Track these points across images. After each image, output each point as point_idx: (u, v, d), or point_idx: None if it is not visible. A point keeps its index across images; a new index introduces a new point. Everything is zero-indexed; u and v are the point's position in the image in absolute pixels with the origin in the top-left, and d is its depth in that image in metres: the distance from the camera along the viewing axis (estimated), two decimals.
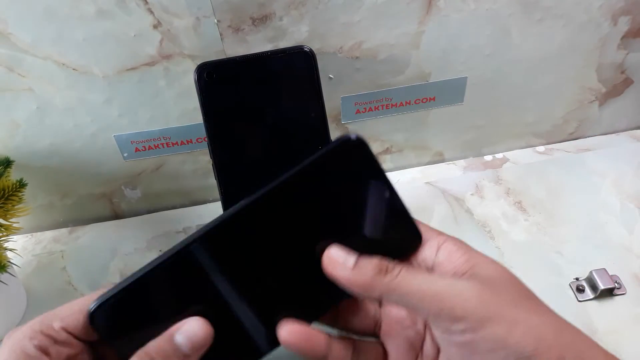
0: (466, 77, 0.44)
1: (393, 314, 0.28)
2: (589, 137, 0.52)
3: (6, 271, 0.36)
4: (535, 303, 0.23)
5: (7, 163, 0.41)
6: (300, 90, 0.34)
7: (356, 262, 0.25)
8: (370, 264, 0.25)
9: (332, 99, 0.43)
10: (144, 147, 0.44)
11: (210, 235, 0.26)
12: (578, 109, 0.49)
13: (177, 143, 0.45)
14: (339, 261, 0.25)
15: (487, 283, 0.23)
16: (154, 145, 0.44)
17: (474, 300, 0.22)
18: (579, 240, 0.41)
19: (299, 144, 0.35)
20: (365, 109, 0.45)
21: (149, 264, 0.26)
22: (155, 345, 0.25)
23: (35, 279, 0.44)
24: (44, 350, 0.24)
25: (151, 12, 0.36)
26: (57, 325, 0.25)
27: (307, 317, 0.27)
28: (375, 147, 0.49)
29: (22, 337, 0.24)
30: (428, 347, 0.27)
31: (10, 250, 0.37)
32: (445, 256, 0.25)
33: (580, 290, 0.37)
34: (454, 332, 0.23)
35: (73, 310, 0.26)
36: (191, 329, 0.25)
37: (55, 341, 0.25)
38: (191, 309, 0.26)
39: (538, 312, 0.23)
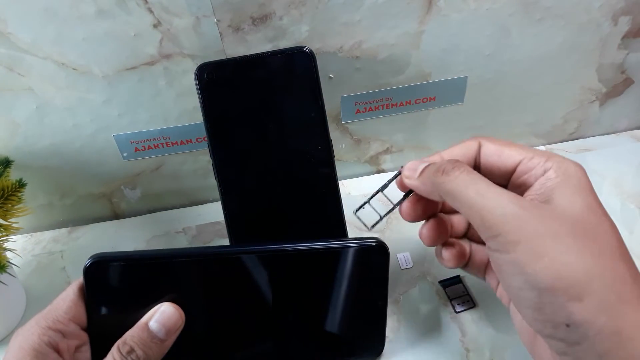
0: (466, 77, 0.44)
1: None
2: (589, 137, 0.52)
3: (6, 271, 0.36)
4: (592, 247, 0.22)
5: (6, 163, 0.41)
6: (300, 90, 0.34)
7: (422, 171, 0.28)
8: (430, 168, 0.27)
9: (332, 99, 0.43)
10: (144, 147, 0.44)
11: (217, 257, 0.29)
12: (578, 109, 0.49)
13: (177, 143, 0.44)
14: (407, 174, 0.28)
15: (545, 210, 0.23)
16: (154, 145, 0.44)
17: (511, 223, 0.23)
18: None
19: (299, 143, 0.35)
20: (365, 108, 0.45)
21: (161, 250, 0.29)
22: (132, 334, 0.26)
23: (35, 280, 0.44)
24: (54, 347, 0.25)
25: (151, 12, 0.36)
26: (63, 317, 0.26)
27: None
28: (375, 147, 0.49)
29: (30, 334, 0.25)
30: None
31: (10, 250, 0.37)
32: (543, 177, 0.25)
33: None
34: (489, 247, 0.24)
35: (71, 301, 0.27)
36: (164, 315, 0.26)
37: (64, 334, 0.25)
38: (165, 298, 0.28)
39: (583, 252, 0.22)
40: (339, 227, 0.36)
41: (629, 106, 0.50)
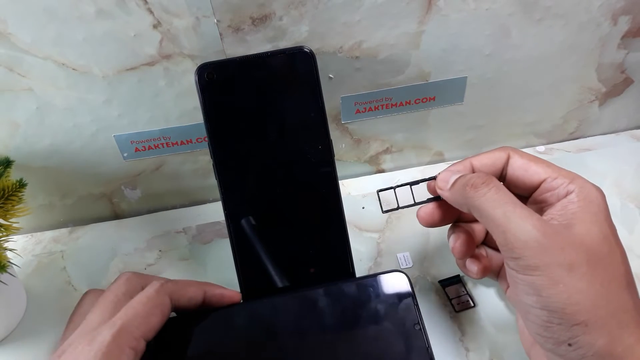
0: (466, 77, 0.44)
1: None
2: (589, 136, 0.52)
3: (6, 271, 0.36)
4: (603, 276, 0.24)
5: (7, 163, 0.41)
6: (300, 90, 0.34)
7: (453, 184, 0.29)
8: (461, 181, 0.28)
9: (332, 99, 0.43)
10: (144, 147, 0.44)
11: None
12: (578, 108, 0.49)
13: (177, 143, 0.44)
14: (440, 185, 0.30)
15: (565, 238, 0.24)
16: (154, 145, 0.44)
17: (533, 249, 0.24)
18: None
19: (299, 143, 0.35)
20: (365, 108, 0.45)
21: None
22: None
23: (35, 279, 0.44)
24: None
25: (151, 12, 0.36)
26: (137, 334, 0.25)
27: None
28: (375, 147, 0.49)
29: (110, 353, 0.24)
30: None
31: (10, 250, 0.37)
32: (566, 199, 0.27)
33: None
34: (508, 265, 0.26)
35: (145, 315, 0.26)
36: None
37: (137, 353, 0.25)
38: None
39: (594, 282, 0.23)
40: (339, 227, 0.36)
41: (629, 106, 0.50)
